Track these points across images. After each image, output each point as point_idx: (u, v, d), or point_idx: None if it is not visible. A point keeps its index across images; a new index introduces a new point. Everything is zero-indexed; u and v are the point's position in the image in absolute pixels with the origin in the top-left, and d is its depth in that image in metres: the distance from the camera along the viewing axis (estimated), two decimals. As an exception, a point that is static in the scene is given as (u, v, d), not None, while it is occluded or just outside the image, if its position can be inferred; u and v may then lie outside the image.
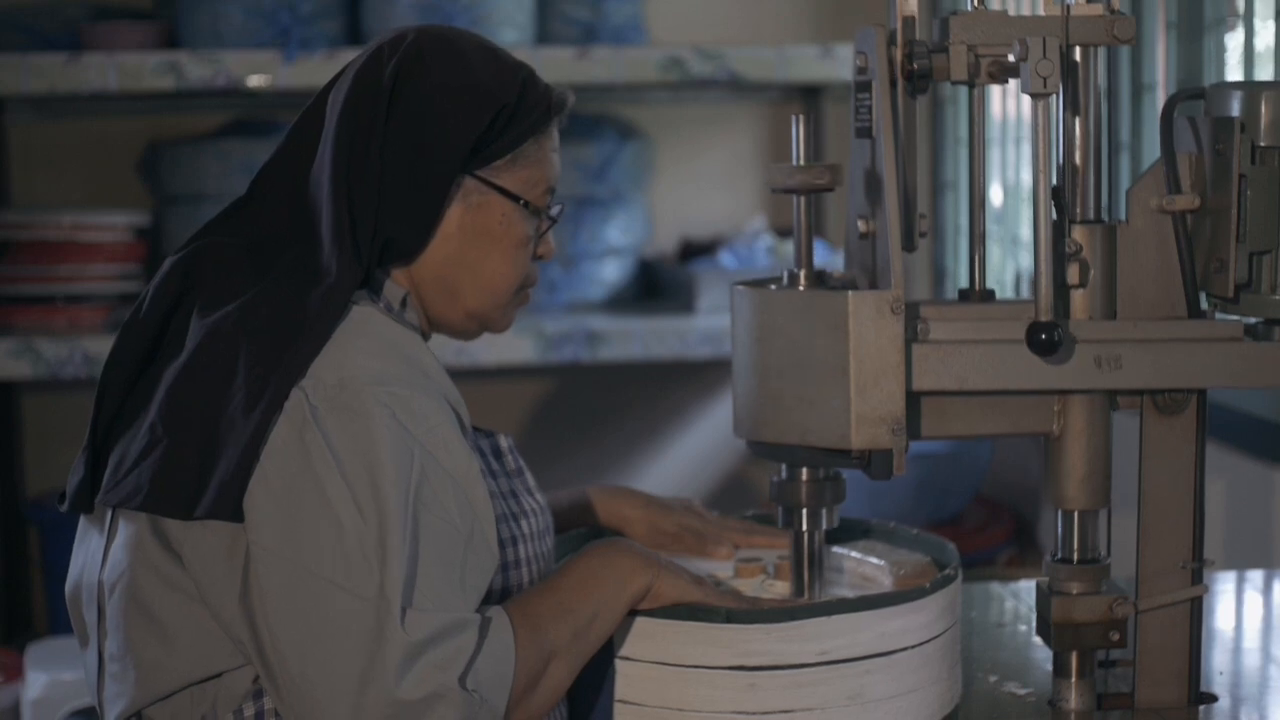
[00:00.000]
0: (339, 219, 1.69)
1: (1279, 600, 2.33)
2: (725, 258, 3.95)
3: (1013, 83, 1.74)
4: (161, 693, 1.65)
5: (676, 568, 1.75)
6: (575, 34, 3.81)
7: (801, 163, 1.78)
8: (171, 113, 4.03)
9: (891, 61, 1.73)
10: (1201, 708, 1.84)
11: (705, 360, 3.76)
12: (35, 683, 3.07)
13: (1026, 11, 2.98)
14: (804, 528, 1.83)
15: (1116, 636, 1.79)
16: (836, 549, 1.94)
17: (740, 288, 1.79)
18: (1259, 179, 1.72)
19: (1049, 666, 1.88)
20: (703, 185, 4.25)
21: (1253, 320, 1.77)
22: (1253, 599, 2.32)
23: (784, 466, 1.82)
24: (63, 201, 4.01)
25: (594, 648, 1.70)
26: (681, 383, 4.24)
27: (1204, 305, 1.80)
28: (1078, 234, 1.75)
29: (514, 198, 1.76)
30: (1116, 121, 3.11)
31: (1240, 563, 2.73)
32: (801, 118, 1.79)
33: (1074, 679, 1.82)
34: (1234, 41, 2.82)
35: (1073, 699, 1.82)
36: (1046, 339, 1.68)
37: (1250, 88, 1.73)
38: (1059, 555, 1.82)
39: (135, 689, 1.66)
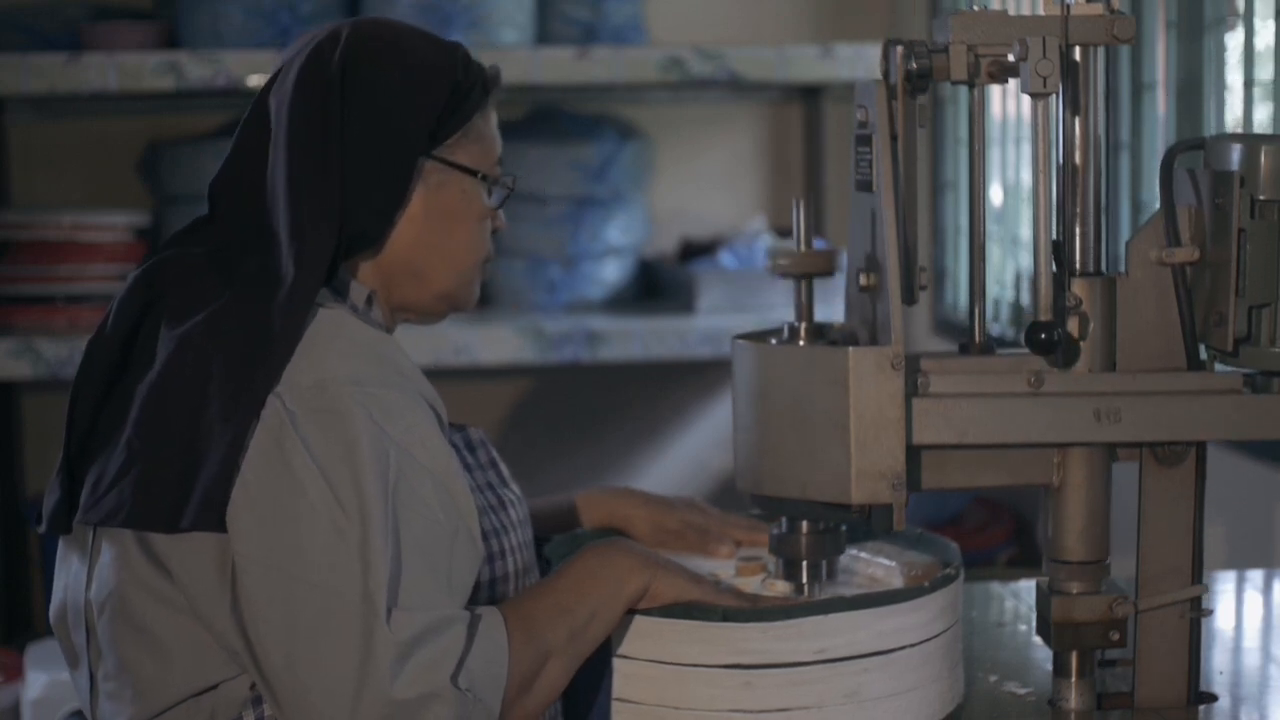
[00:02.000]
0: (298, 219, 1.68)
1: (1279, 600, 2.33)
2: (725, 258, 3.95)
3: (1013, 83, 1.74)
4: (159, 708, 1.64)
5: (675, 566, 1.75)
6: (575, 34, 3.81)
7: (803, 249, 1.79)
8: (171, 113, 4.03)
9: (892, 115, 1.73)
10: (1201, 707, 1.84)
11: (705, 360, 3.76)
12: (35, 683, 3.07)
13: (1026, 11, 2.98)
14: (804, 580, 1.83)
15: (1116, 636, 1.79)
16: (846, 549, 1.94)
17: (741, 342, 1.79)
18: (1258, 233, 1.72)
19: (1049, 666, 1.88)
20: (703, 185, 4.25)
21: (1252, 371, 1.77)
22: (1253, 599, 2.32)
23: (784, 519, 1.83)
24: (63, 201, 4.01)
25: (591, 647, 1.70)
26: (681, 383, 4.24)
27: (1203, 356, 1.80)
28: (1077, 287, 1.76)
29: (471, 172, 1.78)
30: (1117, 121, 3.11)
31: (1240, 563, 2.73)
32: (803, 201, 1.79)
33: (1074, 679, 1.82)
34: (1234, 41, 2.82)
35: (1073, 699, 1.82)
36: (1046, 338, 1.68)
37: (1249, 141, 1.74)
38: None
39: (132, 706, 1.65)
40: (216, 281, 1.69)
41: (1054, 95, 1.66)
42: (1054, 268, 1.76)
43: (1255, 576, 2.39)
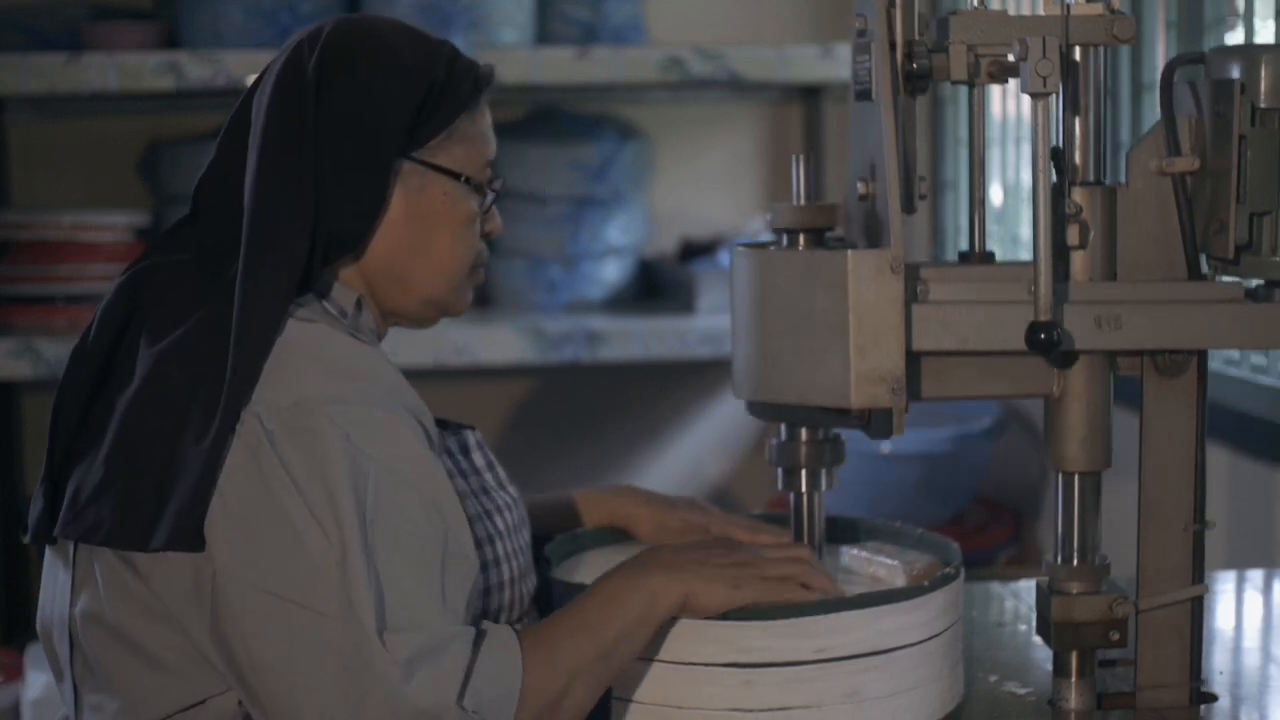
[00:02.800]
0: (267, 224, 1.65)
1: (1279, 600, 2.33)
2: (725, 258, 3.95)
3: (1013, 83, 1.74)
4: None
5: (711, 572, 1.70)
6: (575, 34, 3.81)
7: (803, 202, 1.79)
8: (171, 113, 4.03)
9: (891, 23, 1.73)
10: (1201, 707, 1.84)
11: (705, 360, 3.76)
12: (35, 683, 3.07)
13: (1026, 11, 2.98)
14: (804, 489, 1.83)
15: (1116, 636, 1.79)
16: (847, 549, 1.94)
17: (740, 249, 1.79)
18: (1259, 140, 1.72)
19: (1049, 666, 1.88)
20: (703, 185, 4.25)
21: (1253, 284, 1.77)
22: (1253, 599, 2.32)
23: (783, 428, 1.83)
24: (63, 201, 4.01)
25: (621, 667, 1.67)
26: (681, 383, 4.23)
27: (1205, 270, 1.80)
28: (1077, 195, 1.75)
29: (454, 175, 1.74)
30: (1117, 121, 3.11)
31: (1240, 563, 2.73)
32: (803, 158, 1.79)
33: (1074, 679, 1.82)
34: (1234, 41, 2.82)
35: (1073, 699, 1.82)
36: (1046, 338, 1.68)
37: (1250, 50, 1.74)
38: (1059, 559, 1.82)
39: (118, 719, 1.65)
40: (197, 291, 1.66)
41: (1054, 95, 1.66)
42: (1054, 176, 1.75)
43: (1255, 576, 2.39)
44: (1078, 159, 1.78)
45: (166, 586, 1.59)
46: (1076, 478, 1.81)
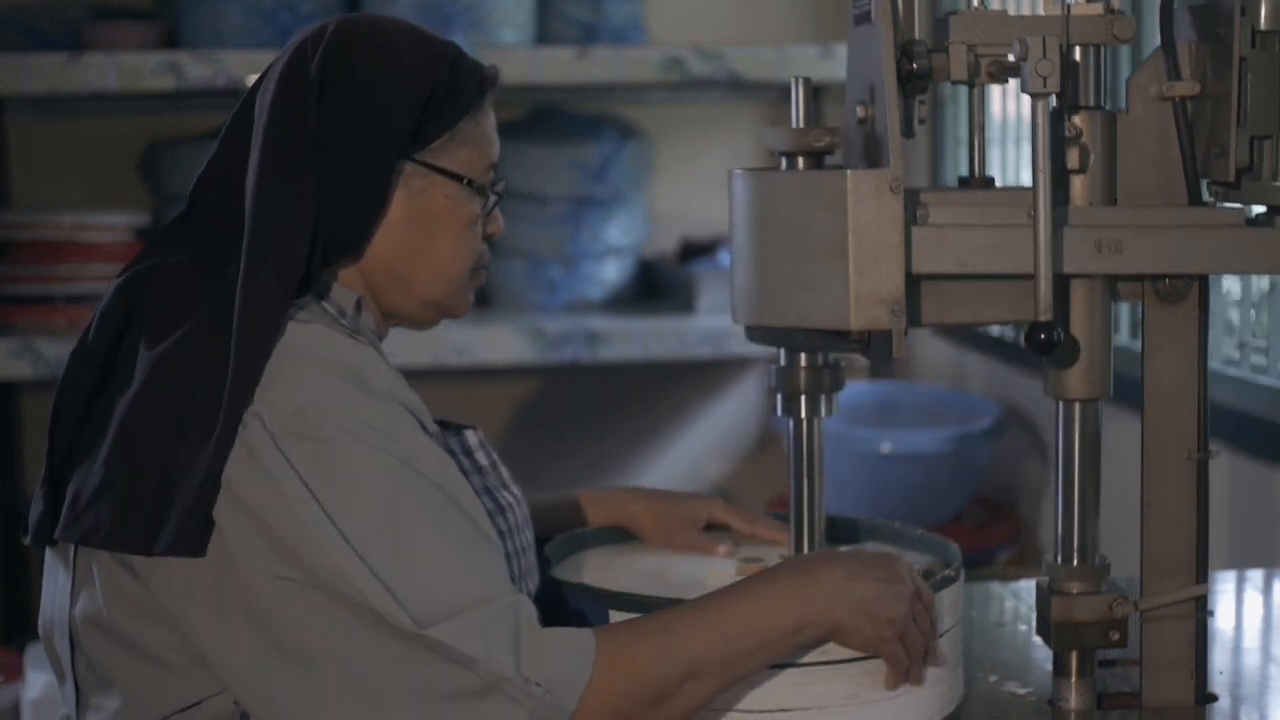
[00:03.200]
0: (268, 225, 1.64)
1: (1279, 600, 2.33)
2: (725, 258, 3.95)
3: (1013, 83, 1.74)
4: None
5: (861, 608, 1.66)
6: (575, 34, 3.81)
7: (801, 125, 1.78)
8: (171, 113, 4.04)
9: None
10: (1202, 707, 1.83)
11: (705, 360, 3.76)
12: (35, 683, 3.07)
13: (1026, 11, 2.98)
14: (803, 414, 1.83)
15: (1116, 636, 1.79)
16: (847, 550, 1.94)
17: (738, 171, 1.77)
18: (1259, 63, 1.71)
19: (1049, 666, 1.88)
20: (703, 185, 4.25)
21: (1254, 211, 1.77)
22: (1253, 599, 2.32)
23: (782, 354, 1.82)
24: (63, 201, 4.01)
25: (749, 673, 1.65)
26: (681, 383, 4.24)
27: (1206, 198, 1.79)
28: (1077, 119, 1.75)
29: (456, 177, 1.73)
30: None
31: (1241, 562, 2.73)
32: (803, 80, 1.78)
33: (1074, 679, 1.82)
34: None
35: (1073, 699, 1.82)
36: (1046, 338, 1.67)
37: None
38: (1059, 559, 1.82)
39: (118, 719, 1.64)
40: (196, 292, 1.65)
41: (1054, 95, 1.66)
42: (1054, 102, 1.74)
43: (1255, 576, 2.39)
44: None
45: (166, 589, 1.59)
46: (1078, 408, 1.79)
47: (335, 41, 1.71)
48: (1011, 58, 1.69)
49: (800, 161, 1.76)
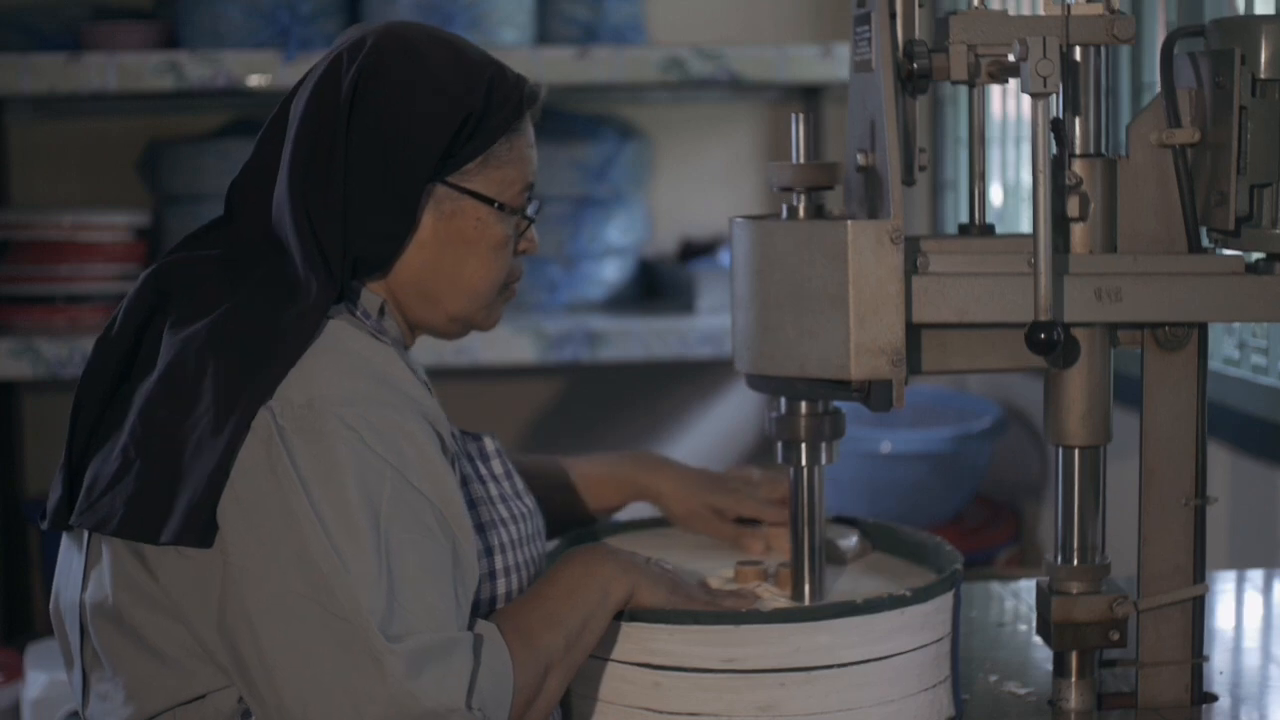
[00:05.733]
0: (304, 238, 1.65)
1: (1279, 600, 2.33)
2: (725, 258, 3.95)
3: (1013, 83, 1.74)
4: (150, 712, 1.63)
5: (656, 573, 1.73)
6: (575, 34, 3.81)
7: (802, 161, 1.78)
8: (171, 113, 4.03)
9: None
10: (1202, 707, 1.83)
11: (705, 360, 3.76)
12: (35, 683, 3.07)
13: (1026, 11, 2.98)
14: (803, 462, 1.83)
15: (1116, 636, 1.79)
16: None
17: (740, 220, 1.78)
18: (1259, 111, 1.72)
19: (1049, 666, 1.88)
20: (703, 185, 4.25)
21: (1254, 258, 1.77)
22: (1253, 599, 2.32)
23: (782, 401, 1.82)
24: (63, 201, 4.01)
25: (585, 655, 1.68)
26: (681, 383, 4.24)
27: (1205, 243, 1.79)
28: (1078, 167, 1.75)
29: (488, 201, 1.72)
30: (1117, 121, 3.11)
31: (1241, 563, 2.73)
32: (801, 116, 1.79)
33: (1074, 679, 1.82)
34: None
35: (1073, 699, 1.82)
36: (1046, 338, 1.68)
37: (1250, 21, 1.74)
38: (1058, 559, 1.82)
39: (123, 709, 1.64)
40: (223, 287, 1.66)
41: (1054, 95, 1.66)
42: (1054, 149, 1.75)
43: (1255, 576, 2.39)
44: (1078, 132, 1.77)
45: (173, 579, 1.59)
46: (1076, 455, 1.80)
47: (371, 57, 1.69)
48: (1011, 58, 1.69)
49: (801, 209, 1.77)
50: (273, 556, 1.56)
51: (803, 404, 1.82)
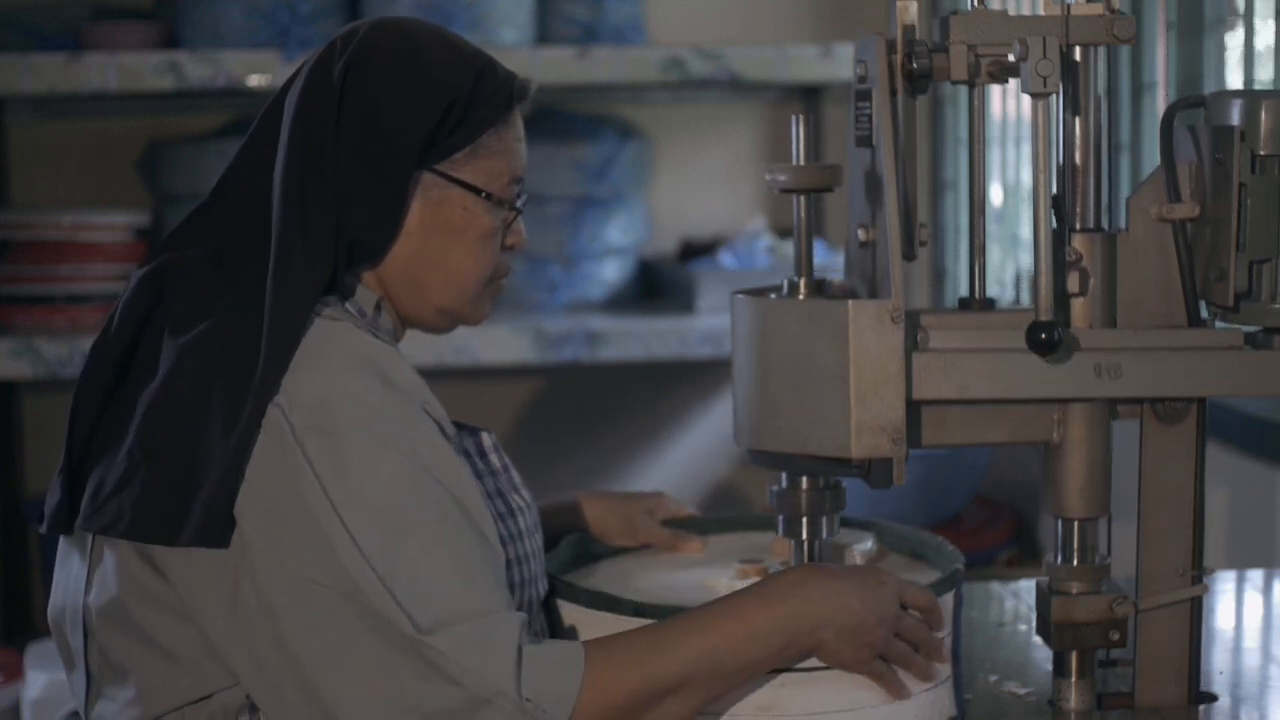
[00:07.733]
0: (296, 225, 1.65)
1: (1279, 600, 2.33)
2: (725, 258, 3.95)
3: (1013, 83, 1.74)
4: (156, 712, 1.63)
5: (849, 631, 1.67)
6: (575, 34, 3.81)
7: (801, 163, 1.78)
8: (171, 113, 4.03)
9: (892, 69, 1.73)
10: (1201, 707, 1.84)
11: (705, 360, 3.76)
12: (35, 683, 3.07)
13: (1026, 11, 2.98)
14: (805, 536, 1.83)
15: (1116, 636, 1.79)
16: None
17: (740, 296, 1.78)
18: (1259, 188, 1.72)
19: (1049, 666, 1.88)
20: (703, 185, 4.25)
21: (1253, 329, 1.77)
22: (1253, 599, 2.32)
23: (784, 475, 1.82)
24: (63, 201, 4.01)
25: (724, 693, 1.65)
26: (681, 383, 4.23)
27: (1204, 314, 1.80)
28: (1078, 242, 1.76)
29: (475, 190, 1.73)
30: (1117, 122, 3.11)
31: (1241, 563, 2.73)
32: (801, 118, 1.79)
33: (1074, 679, 1.82)
34: (1234, 41, 2.82)
35: (1073, 699, 1.82)
36: (1046, 338, 1.68)
37: (1250, 96, 1.74)
38: (1058, 559, 1.82)
39: (129, 710, 1.64)
40: (219, 286, 1.67)
41: (1054, 95, 1.66)
42: (1054, 223, 1.75)
43: (1255, 576, 2.39)
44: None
45: (185, 581, 1.60)
46: (1075, 523, 1.81)
47: (361, 48, 1.71)
48: (1011, 58, 1.69)
49: (801, 286, 1.77)
50: (295, 552, 1.56)
51: (803, 478, 1.82)
